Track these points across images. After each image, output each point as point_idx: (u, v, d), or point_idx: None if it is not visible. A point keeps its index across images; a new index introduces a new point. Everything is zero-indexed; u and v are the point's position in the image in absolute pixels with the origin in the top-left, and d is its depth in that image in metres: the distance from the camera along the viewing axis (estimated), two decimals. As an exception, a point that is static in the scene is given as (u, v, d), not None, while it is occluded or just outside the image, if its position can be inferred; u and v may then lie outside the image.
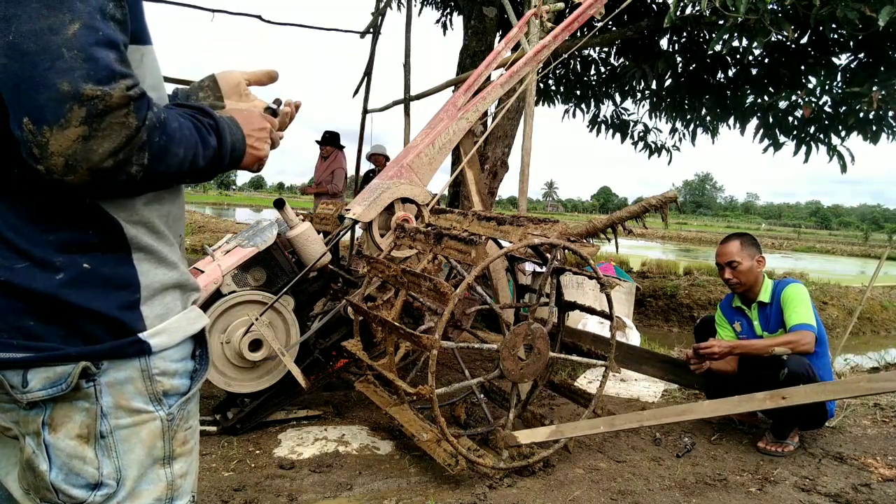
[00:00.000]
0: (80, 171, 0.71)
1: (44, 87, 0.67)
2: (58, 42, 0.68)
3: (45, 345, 0.78)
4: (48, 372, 0.78)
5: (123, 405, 0.82)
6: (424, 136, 3.48)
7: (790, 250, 33.63)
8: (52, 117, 0.68)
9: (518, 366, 2.57)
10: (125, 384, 0.82)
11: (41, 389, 0.78)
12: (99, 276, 0.81)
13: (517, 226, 2.63)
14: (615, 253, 7.69)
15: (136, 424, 0.84)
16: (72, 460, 0.80)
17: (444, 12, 9.71)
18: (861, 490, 2.59)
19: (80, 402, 0.80)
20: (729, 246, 3.16)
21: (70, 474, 0.80)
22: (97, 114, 0.69)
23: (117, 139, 0.71)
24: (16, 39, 0.67)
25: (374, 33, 8.75)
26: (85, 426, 0.80)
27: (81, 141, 0.69)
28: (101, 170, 0.72)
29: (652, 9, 8.05)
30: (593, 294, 5.49)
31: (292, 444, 2.87)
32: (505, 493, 2.44)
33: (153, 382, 0.85)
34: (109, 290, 0.82)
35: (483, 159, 6.98)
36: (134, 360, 0.83)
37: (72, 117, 0.68)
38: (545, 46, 3.75)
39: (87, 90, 0.68)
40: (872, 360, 5.72)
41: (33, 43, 0.67)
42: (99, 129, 0.70)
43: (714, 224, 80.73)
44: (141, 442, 0.84)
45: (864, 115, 6.39)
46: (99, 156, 0.71)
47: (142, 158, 0.75)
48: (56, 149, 0.69)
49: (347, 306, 3.10)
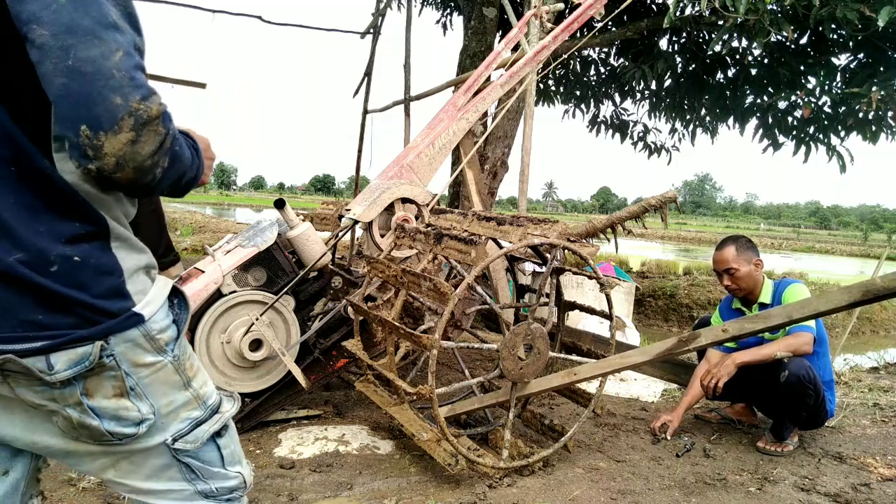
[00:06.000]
0: (126, 170, 0.87)
1: (101, 101, 0.83)
2: (108, 66, 0.83)
3: (58, 332, 0.91)
4: (69, 354, 0.91)
5: (139, 363, 1.00)
6: (424, 136, 3.48)
7: (789, 250, 33.64)
8: (108, 125, 0.83)
9: (518, 365, 2.58)
10: (134, 348, 0.99)
11: (67, 369, 0.91)
12: (89, 266, 0.94)
13: (517, 226, 2.63)
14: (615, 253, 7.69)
15: (153, 373, 1.02)
16: (116, 411, 0.98)
17: (444, 13, 9.72)
18: (860, 490, 2.59)
19: (105, 372, 0.96)
20: (724, 253, 3.10)
21: (119, 420, 0.99)
22: (142, 122, 0.86)
23: (154, 143, 0.88)
24: (75, 64, 0.82)
25: (374, 34, 8.75)
26: (117, 388, 0.98)
27: (129, 144, 0.85)
28: (142, 168, 0.88)
29: (652, 9, 8.06)
30: (593, 294, 5.50)
31: (293, 443, 2.87)
32: (505, 493, 2.45)
33: (154, 341, 1.01)
34: (100, 278, 0.95)
35: (483, 159, 6.98)
36: (134, 329, 0.98)
37: (123, 125, 0.84)
38: (545, 47, 3.75)
39: (134, 103, 0.85)
40: (872, 360, 5.72)
41: (90, 66, 0.82)
42: (142, 134, 0.86)
43: (713, 224, 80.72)
44: (161, 382, 1.03)
45: (863, 116, 6.39)
46: (142, 157, 0.87)
47: (164, 162, 0.91)
48: (110, 150, 0.84)
49: (347, 306, 3.10)
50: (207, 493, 1.13)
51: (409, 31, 7.85)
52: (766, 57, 7.09)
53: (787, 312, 2.36)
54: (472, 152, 3.86)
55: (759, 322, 2.44)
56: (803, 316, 2.33)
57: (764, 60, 7.24)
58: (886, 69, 5.92)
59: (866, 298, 2.12)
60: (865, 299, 2.13)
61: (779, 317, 2.38)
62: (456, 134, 3.48)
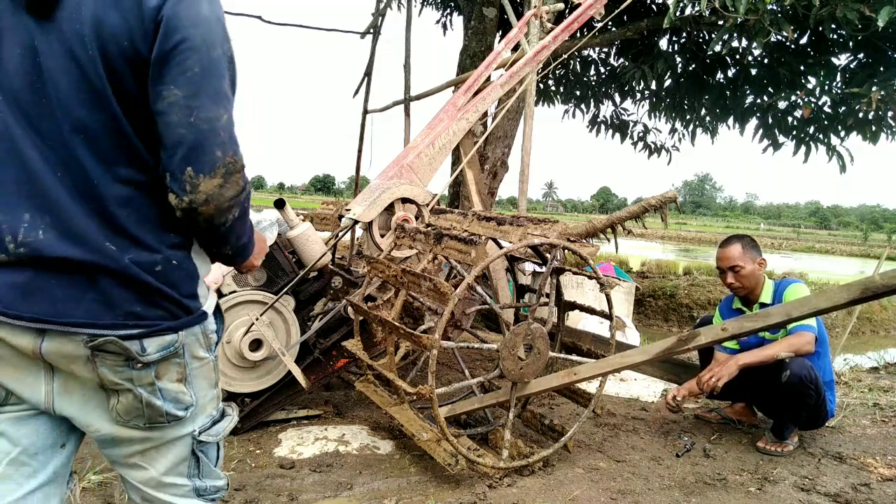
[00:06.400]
0: (210, 206, 1.09)
1: (208, 152, 1.06)
2: (217, 126, 1.07)
3: (151, 322, 1.10)
4: (159, 341, 1.11)
5: (195, 355, 1.20)
6: (424, 136, 3.48)
7: (790, 250, 33.64)
8: (208, 170, 1.07)
9: (518, 365, 2.58)
10: (195, 342, 1.19)
11: (156, 353, 1.11)
12: (183, 268, 1.16)
13: (517, 226, 2.63)
14: (615, 253, 7.69)
15: (201, 366, 1.22)
16: (176, 394, 1.17)
17: (444, 13, 9.72)
18: (860, 490, 2.59)
19: (174, 359, 1.15)
20: (730, 250, 3.09)
21: (176, 403, 1.17)
22: (230, 172, 1.09)
23: (235, 190, 1.11)
24: (195, 122, 1.05)
25: (374, 34, 8.75)
26: (180, 374, 1.17)
27: (218, 187, 1.08)
28: (221, 208, 1.10)
29: (652, 9, 8.05)
30: (593, 294, 5.50)
31: (293, 443, 2.87)
32: (505, 493, 2.44)
33: (207, 338, 1.22)
34: (187, 280, 1.17)
35: (483, 159, 6.98)
36: (198, 326, 1.19)
37: (217, 172, 1.07)
38: (545, 47, 3.75)
39: (229, 157, 1.09)
40: (872, 360, 5.72)
41: (206, 125, 1.06)
42: (228, 181, 1.09)
43: (713, 224, 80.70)
44: (203, 376, 1.23)
45: (863, 116, 6.39)
46: (225, 199, 1.10)
47: (236, 211, 1.15)
48: (203, 189, 1.07)
49: (347, 306, 3.10)
50: (200, 490, 1.27)
51: (409, 31, 7.85)
52: (766, 57, 7.09)
53: (787, 311, 2.35)
54: (472, 152, 3.86)
55: (758, 320, 2.44)
56: (802, 314, 2.32)
57: (764, 60, 7.23)
58: (886, 69, 5.92)
59: (865, 296, 2.11)
60: (865, 297, 2.12)
61: (778, 315, 2.38)
62: (456, 134, 3.48)
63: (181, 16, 1.03)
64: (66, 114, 1.04)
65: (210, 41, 1.06)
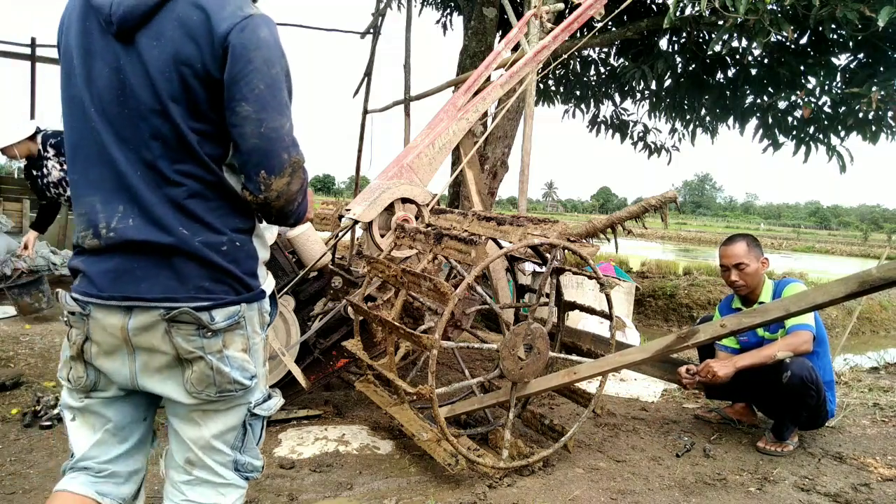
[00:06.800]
0: (281, 199, 1.31)
1: (276, 156, 1.27)
2: (282, 133, 1.27)
3: (217, 296, 1.28)
4: (225, 311, 1.29)
5: (255, 330, 1.38)
6: (424, 136, 3.48)
7: (790, 250, 33.64)
8: (278, 171, 1.28)
9: (518, 365, 2.58)
10: (254, 317, 1.37)
11: (223, 321, 1.29)
12: (244, 249, 1.34)
13: (517, 226, 2.63)
14: (615, 253, 7.70)
15: (259, 342, 1.39)
16: (242, 363, 1.33)
17: (444, 13, 9.72)
18: (860, 490, 2.59)
19: (238, 330, 1.32)
20: (736, 247, 3.09)
21: (242, 371, 1.33)
22: (295, 170, 1.31)
23: (299, 183, 1.33)
24: (265, 131, 1.25)
25: (374, 34, 8.75)
26: (244, 344, 1.34)
27: (287, 184, 1.30)
28: (290, 199, 1.33)
29: (652, 9, 8.06)
30: (593, 294, 5.49)
31: (293, 443, 2.87)
32: (505, 493, 2.45)
33: (263, 316, 1.40)
34: (248, 259, 1.35)
35: (483, 159, 6.98)
36: (257, 303, 1.37)
37: (285, 172, 1.29)
38: (545, 47, 3.75)
39: (294, 158, 1.30)
40: (872, 360, 5.72)
41: (273, 133, 1.26)
42: (294, 178, 1.31)
43: (713, 224, 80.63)
44: (260, 353, 1.40)
45: (863, 116, 6.39)
46: (292, 192, 1.32)
47: (300, 196, 1.37)
48: (275, 187, 1.29)
49: (347, 306, 3.10)
50: (240, 464, 1.40)
51: (409, 31, 7.85)
52: (766, 57, 7.09)
53: (785, 306, 2.35)
54: (472, 152, 3.86)
55: (756, 316, 2.44)
56: (801, 308, 2.31)
57: (764, 60, 7.23)
58: (886, 69, 5.92)
59: (863, 289, 2.11)
60: (862, 290, 2.11)
61: (776, 310, 2.37)
62: (456, 134, 3.48)
63: (245, 42, 1.22)
64: (145, 122, 1.24)
65: (270, 61, 1.25)
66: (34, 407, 3.01)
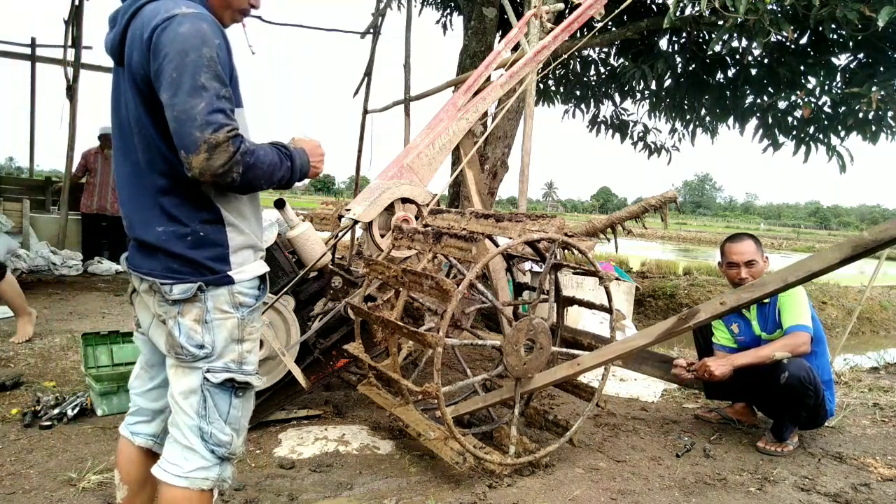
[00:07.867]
0: (206, 176, 1.40)
1: (188, 136, 1.36)
2: (193, 114, 1.36)
3: (181, 276, 1.51)
4: (182, 286, 1.50)
5: (219, 308, 1.55)
6: (424, 136, 3.48)
7: (790, 250, 33.59)
8: (193, 150, 1.37)
9: (521, 361, 2.57)
10: (219, 297, 1.54)
11: (179, 294, 1.51)
12: (210, 239, 1.53)
13: (515, 222, 2.63)
14: (615, 253, 7.70)
15: (224, 319, 1.56)
16: (190, 332, 1.53)
17: (444, 13, 9.71)
18: (860, 490, 2.60)
19: (196, 303, 1.52)
20: (745, 245, 3.12)
21: (189, 338, 1.53)
22: (211, 147, 1.37)
23: (223, 159, 1.38)
24: (177, 114, 1.36)
25: (374, 34, 8.75)
26: (198, 315, 1.53)
27: (205, 161, 1.38)
28: (217, 174, 1.39)
29: (652, 9, 8.06)
30: (592, 294, 5.49)
31: (293, 443, 2.87)
32: (505, 493, 2.45)
33: (234, 297, 1.56)
34: (214, 246, 1.53)
35: (483, 159, 6.98)
36: (225, 286, 1.55)
37: (200, 149, 1.37)
38: (545, 47, 3.75)
39: (206, 136, 1.36)
40: (872, 360, 5.72)
41: (184, 115, 1.36)
42: (213, 154, 1.37)
43: (713, 224, 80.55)
44: (226, 328, 1.56)
45: (863, 116, 6.39)
46: (214, 168, 1.39)
47: (237, 169, 1.42)
48: (195, 165, 1.38)
49: (348, 307, 3.09)
50: (203, 433, 1.55)
51: (409, 31, 7.85)
52: (766, 57, 7.09)
53: (783, 277, 2.37)
54: (472, 152, 3.85)
55: (756, 290, 2.45)
56: (798, 279, 2.33)
57: (764, 60, 7.23)
58: (886, 69, 5.92)
59: (857, 253, 2.14)
60: (856, 254, 2.14)
61: (774, 283, 2.39)
62: (456, 134, 3.48)
63: (163, 39, 1.38)
64: (131, 132, 1.50)
65: (184, 50, 1.36)
66: (34, 407, 3.00)
